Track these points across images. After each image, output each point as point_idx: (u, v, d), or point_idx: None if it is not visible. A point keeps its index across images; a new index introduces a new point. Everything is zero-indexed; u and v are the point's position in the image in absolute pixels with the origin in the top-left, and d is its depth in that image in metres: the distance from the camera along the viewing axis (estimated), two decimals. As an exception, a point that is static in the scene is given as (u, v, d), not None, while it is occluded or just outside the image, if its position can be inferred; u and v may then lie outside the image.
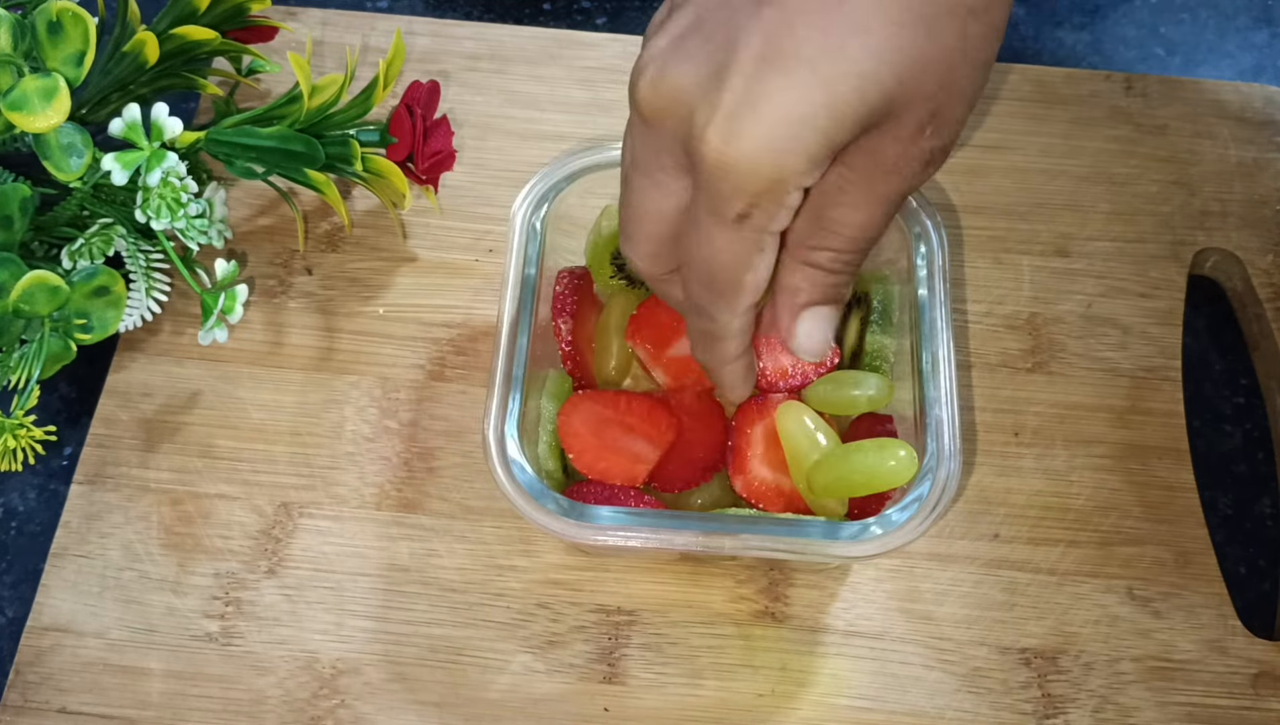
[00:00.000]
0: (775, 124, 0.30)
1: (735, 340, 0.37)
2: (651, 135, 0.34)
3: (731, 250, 0.34)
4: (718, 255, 0.34)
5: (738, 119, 0.31)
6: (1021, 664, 0.45)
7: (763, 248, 0.34)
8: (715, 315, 0.36)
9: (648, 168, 0.34)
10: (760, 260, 0.34)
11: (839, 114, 0.30)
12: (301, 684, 0.44)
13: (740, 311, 0.36)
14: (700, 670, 0.45)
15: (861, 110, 0.31)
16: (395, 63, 0.47)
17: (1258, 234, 0.54)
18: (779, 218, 0.33)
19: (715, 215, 0.33)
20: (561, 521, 0.40)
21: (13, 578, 0.48)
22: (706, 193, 0.32)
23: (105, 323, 0.44)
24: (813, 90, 0.30)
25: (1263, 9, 0.63)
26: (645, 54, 0.33)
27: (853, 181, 0.33)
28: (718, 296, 0.35)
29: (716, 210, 0.33)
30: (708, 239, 0.34)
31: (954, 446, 0.41)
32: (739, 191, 0.32)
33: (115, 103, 0.47)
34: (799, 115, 0.30)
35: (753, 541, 0.40)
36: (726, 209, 0.32)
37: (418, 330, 0.51)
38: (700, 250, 0.34)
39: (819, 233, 0.35)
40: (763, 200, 0.32)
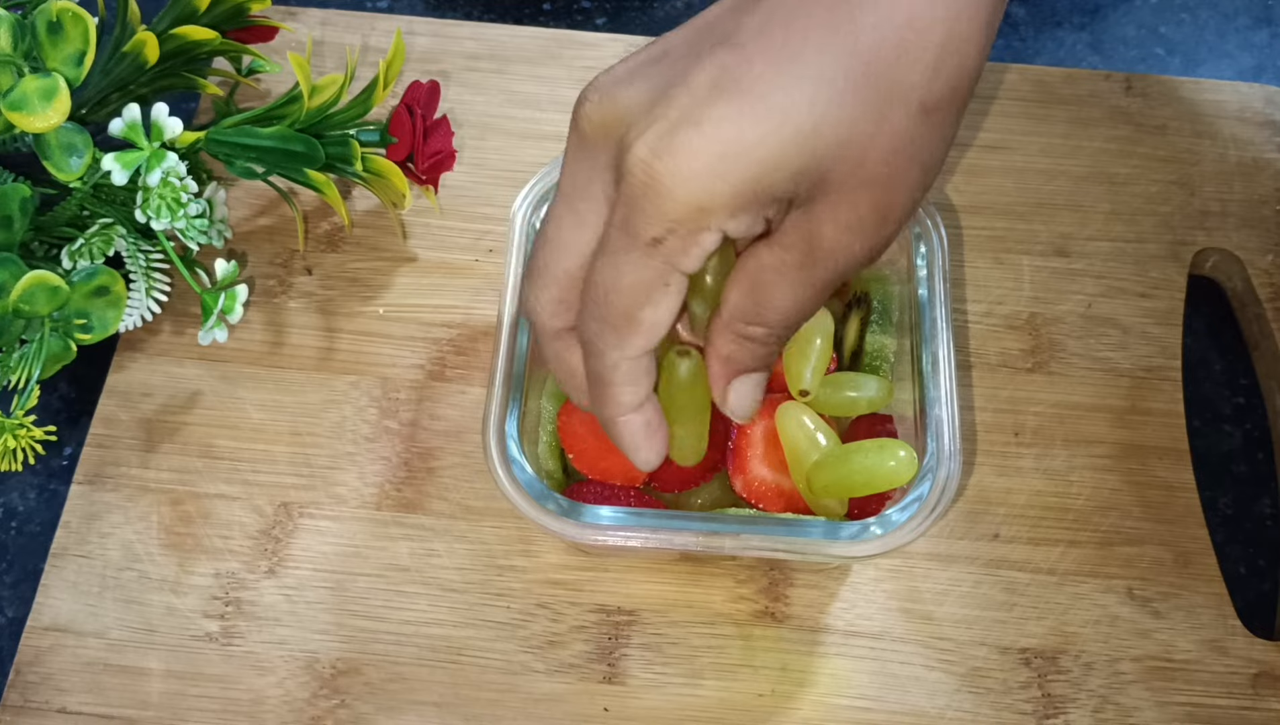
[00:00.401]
0: (710, 149, 0.29)
1: (625, 388, 0.34)
2: (585, 158, 0.32)
3: (636, 277, 0.32)
4: (620, 279, 0.32)
5: (673, 136, 0.29)
6: (1021, 664, 0.45)
7: (668, 284, 0.32)
8: (604, 351, 0.33)
9: (573, 197, 0.33)
10: (663, 298, 0.32)
11: (776, 156, 0.30)
12: (301, 684, 0.44)
13: (631, 352, 0.33)
14: (700, 670, 0.45)
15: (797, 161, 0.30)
16: (395, 63, 0.47)
17: (1258, 234, 0.54)
18: (691, 255, 0.31)
19: (628, 235, 0.31)
20: (561, 521, 0.40)
21: (13, 578, 0.48)
22: (624, 211, 0.31)
23: (105, 323, 0.44)
24: (755, 123, 0.29)
25: (1263, 9, 0.63)
26: (597, 78, 0.32)
27: (789, 265, 0.32)
28: (610, 329, 0.33)
29: (630, 229, 0.31)
30: (614, 262, 0.32)
31: (954, 446, 0.41)
32: (657, 213, 0.30)
33: (115, 103, 0.47)
34: (736, 146, 0.29)
35: (753, 541, 0.40)
36: (641, 230, 0.31)
37: (418, 330, 0.51)
38: (603, 274, 0.32)
39: (753, 311, 0.33)
40: (678, 228, 0.30)
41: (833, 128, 0.30)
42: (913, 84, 0.30)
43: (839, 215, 0.31)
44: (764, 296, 0.33)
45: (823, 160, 0.30)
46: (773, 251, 0.32)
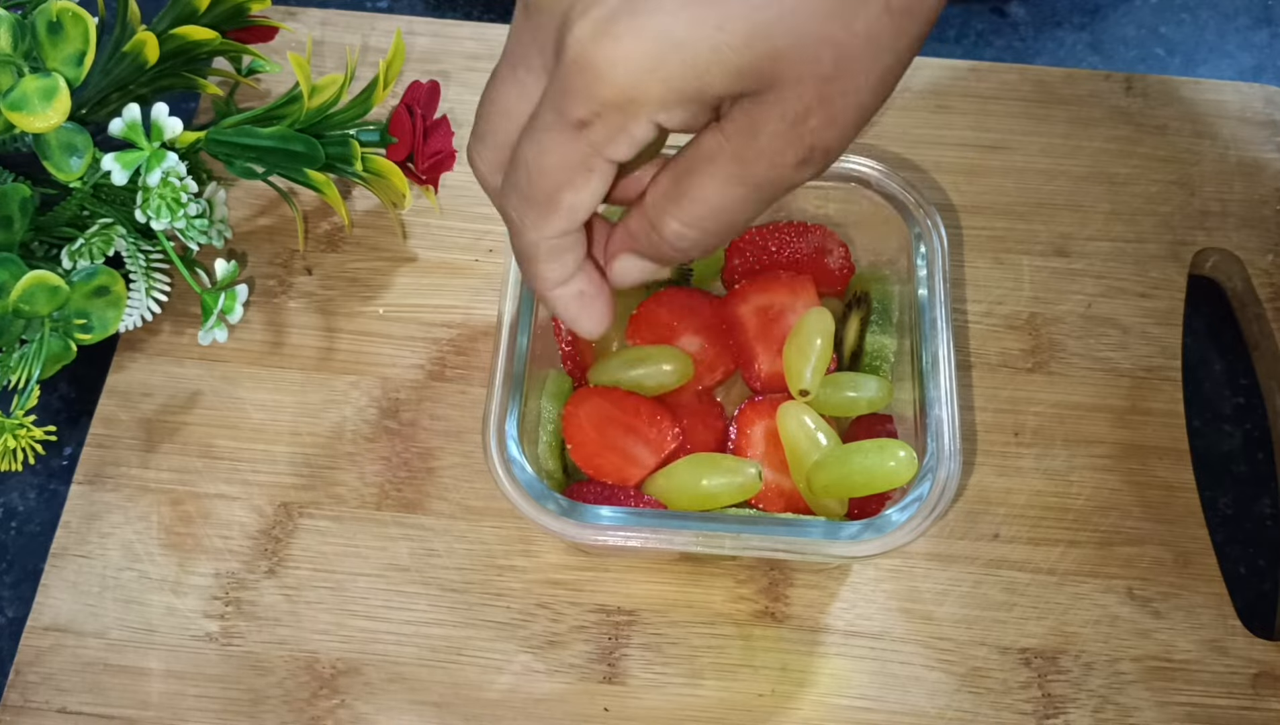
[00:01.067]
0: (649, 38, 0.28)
1: (549, 265, 0.34)
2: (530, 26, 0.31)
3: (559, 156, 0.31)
4: (543, 157, 0.31)
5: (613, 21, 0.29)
6: (1021, 664, 0.45)
7: (591, 169, 0.31)
8: (524, 230, 0.33)
9: (514, 61, 0.32)
10: (585, 182, 0.31)
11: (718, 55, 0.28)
12: (301, 684, 0.44)
13: (550, 233, 0.33)
14: (700, 670, 0.45)
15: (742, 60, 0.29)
16: (395, 63, 0.47)
17: (1258, 234, 0.54)
18: (619, 142, 0.30)
19: (556, 113, 0.30)
20: (561, 521, 0.40)
21: (13, 578, 0.48)
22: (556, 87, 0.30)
23: (105, 323, 0.44)
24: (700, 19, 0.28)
25: (1263, 9, 0.63)
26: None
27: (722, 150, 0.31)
28: (530, 207, 0.32)
29: (559, 107, 0.30)
30: (539, 138, 0.31)
31: (954, 446, 0.41)
32: (587, 95, 0.29)
33: (115, 103, 0.47)
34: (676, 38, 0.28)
35: (753, 541, 0.40)
36: (569, 109, 0.30)
37: (418, 330, 0.51)
38: (528, 150, 0.31)
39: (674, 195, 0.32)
40: (607, 113, 0.29)
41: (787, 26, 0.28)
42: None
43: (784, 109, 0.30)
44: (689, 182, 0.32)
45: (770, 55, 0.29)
46: (711, 137, 0.31)
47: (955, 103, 0.57)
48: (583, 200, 0.32)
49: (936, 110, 0.57)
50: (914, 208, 0.46)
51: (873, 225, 0.47)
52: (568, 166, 0.31)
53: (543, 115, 0.31)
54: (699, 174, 0.31)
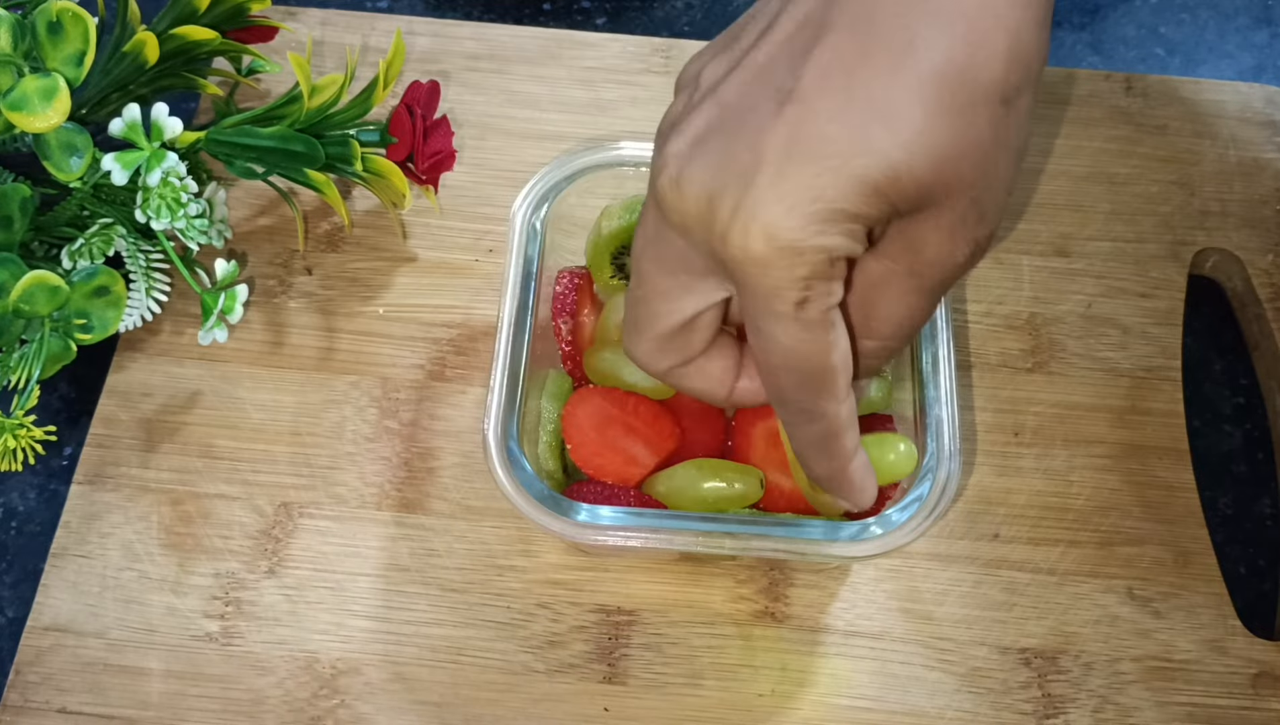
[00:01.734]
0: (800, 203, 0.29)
1: (851, 430, 0.35)
2: (677, 240, 0.33)
3: (806, 339, 0.32)
4: (797, 350, 0.32)
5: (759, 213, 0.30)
6: (1021, 664, 0.45)
7: (833, 323, 0.32)
8: (824, 411, 0.34)
9: (669, 268, 0.33)
10: (837, 336, 0.32)
11: (868, 189, 0.30)
12: (301, 684, 0.44)
13: (843, 395, 0.34)
14: (700, 670, 0.45)
15: (893, 191, 0.30)
16: (395, 63, 0.47)
17: (1258, 234, 0.54)
18: (835, 291, 0.32)
19: (775, 314, 0.31)
20: (561, 521, 0.40)
21: (13, 578, 0.48)
22: (753, 294, 0.31)
23: (105, 323, 0.44)
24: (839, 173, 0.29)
25: (1263, 9, 0.63)
26: (664, 152, 0.32)
27: (896, 274, 0.32)
28: (816, 391, 0.33)
29: (774, 308, 0.31)
30: (778, 340, 0.32)
31: (954, 446, 0.41)
32: (787, 281, 0.31)
33: (115, 103, 0.47)
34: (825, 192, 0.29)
35: (753, 541, 0.40)
36: (783, 303, 0.31)
37: (418, 330, 0.51)
38: (776, 355, 0.33)
39: (866, 324, 0.34)
40: (814, 280, 0.31)
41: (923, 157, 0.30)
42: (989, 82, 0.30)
43: (940, 221, 0.31)
44: (873, 308, 0.34)
45: (917, 184, 0.30)
46: (879, 262, 0.33)
47: (955, 103, 0.57)
48: (843, 348, 0.33)
49: (936, 110, 0.56)
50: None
51: (873, 225, 0.47)
52: (818, 340, 0.32)
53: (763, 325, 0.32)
54: (879, 301, 0.33)
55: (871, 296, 0.33)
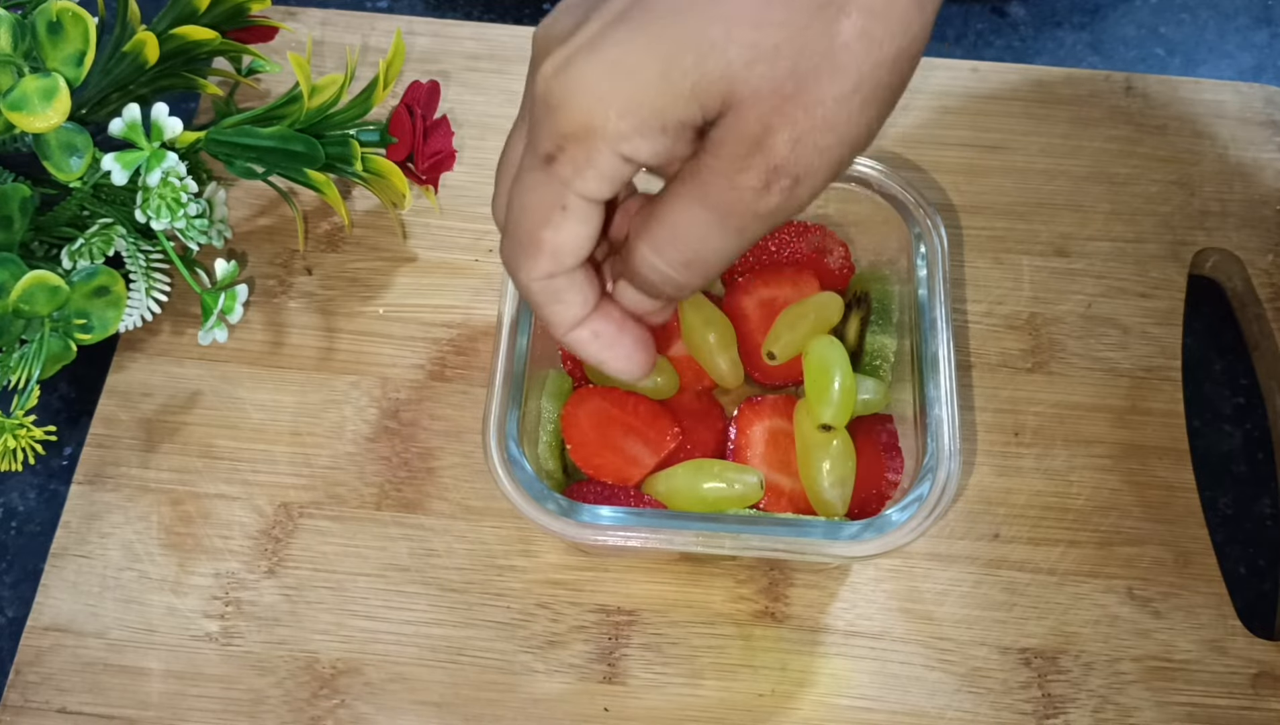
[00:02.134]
0: (602, 69, 0.29)
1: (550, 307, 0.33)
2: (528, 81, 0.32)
3: (535, 196, 0.31)
4: (522, 197, 0.31)
5: (572, 58, 0.29)
6: (1021, 664, 0.45)
7: (565, 206, 0.31)
8: (515, 272, 0.33)
9: (520, 116, 0.34)
10: (562, 221, 0.31)
11: (669, 79, 0.28)
12: (301, 684, 0.44)
13: (537, 274, 0.32)
14: (700, 670, 0.45)
15: (693, 81, 0.28)
16: (395, 63, 0.47)
17: (1258, 234, 0.54)
18: (586, 176, 0.30)
19: (530, 153, 0.31)
20: (561, 521, 0.40)
21: (13, 578, 0.48)
22: (530, 129, 0.31)
23: (105, 323, 0.44)
24: (651, 46, 0.28)
25: (1263, 9, 0.63)
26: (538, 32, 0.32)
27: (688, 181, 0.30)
28: (518, 249, 0.32)
29: (531, 146, 0.31)
30: (520, 178, 0.32)
31: (954, 446, 0.41)
32: (550, 129, 0.30)
33: (115, 103, 0.47)
34: (631, 65, 0.29)
35: (753, 541, 0.40)
36: (538, 145, 0.31)
37: (418, 330, 0.51)
38: (514, 191, 0.32)
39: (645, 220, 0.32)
40: (570, 146, 0.30)
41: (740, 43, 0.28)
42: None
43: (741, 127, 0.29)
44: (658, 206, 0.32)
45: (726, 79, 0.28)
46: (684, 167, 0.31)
47: (955, 103, 0.57)
48: (563, 240, 0.31)
49: (936, 110, 0.57)
50: (914, 208, 0.46)
51: (873, 225, 0.47)
52: (543, 205, 0.31)
53: (523, 158, 0.32)
54: (667, 198, 0.31)
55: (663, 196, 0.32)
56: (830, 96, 0.29)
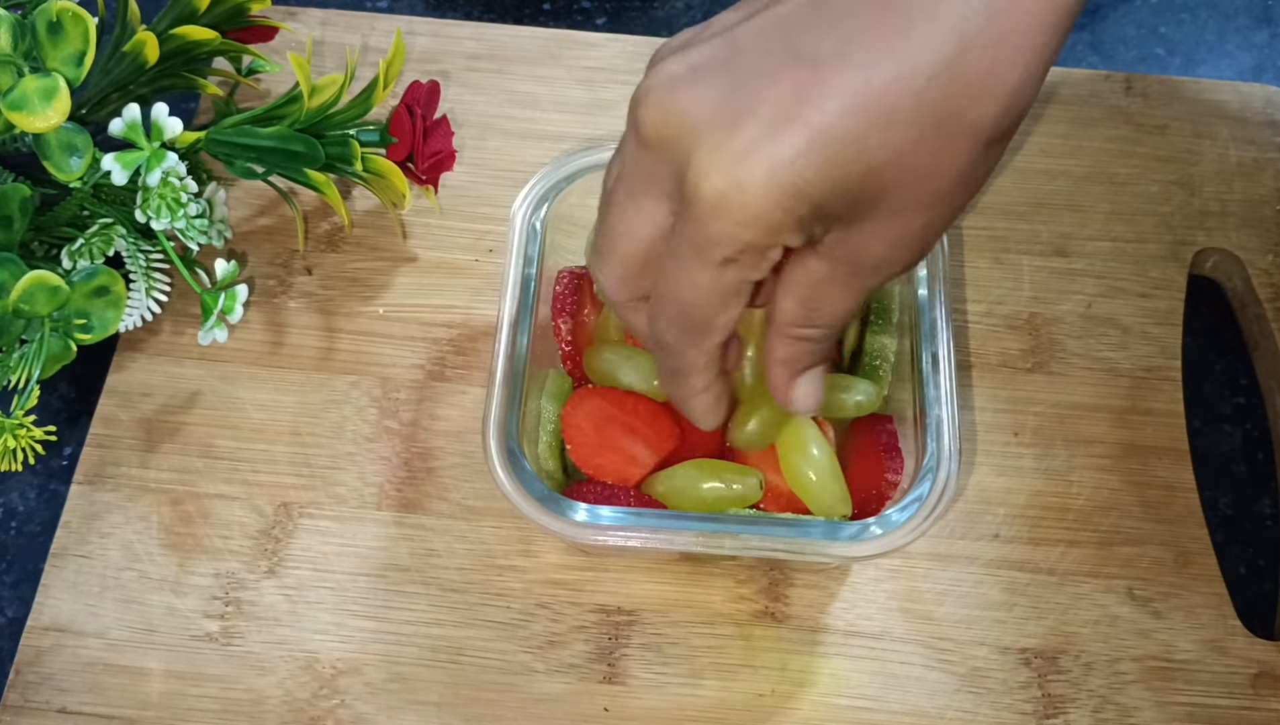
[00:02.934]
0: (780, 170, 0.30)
1: (702, 375, 0.37)
2: (646, 158, 0.33)
3: (712, 290, 0.33)
4: (696, 293, 0.33)
5: (745, 165, 0.30)
6: (1021, 664, 0.45)
7: (739, 293, 0.33)
8: (683, 351, 0.36)
9: (635, 190, 0.34)
10: (736, 303, 0.34)
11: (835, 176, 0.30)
12: (301, 684, 0.44)
13: (707, 350, 0.36)
14: (700, 670, 0.45)
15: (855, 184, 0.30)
16: (395, 63, 0.47)
17: (1258, 234, 0.54)
18: (762, 268, 0.32)
19: (700, 256, 0.32)
20: (561, 521, 0.40)
21: (13, 578, 0.48)
22: (695, 231, 0.31)
23: (105, 323, 0.44)
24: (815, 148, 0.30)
25: (1263, 9, 0.63)
26: (656, 73, 0.32)
27: (839, 275, 0.33)
28: (688, 334, 0.35)
29: (703, 252, 0.32)
30: (688, 277, 0.33)
31: (954, 446, 0.41)
32: (732, 238, 0.31)
33: (115, 103, 0.47)
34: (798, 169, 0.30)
35: (753, 541, 0.40)
36: (714, 252, 0.32)
37: (418, 330, 0.51)
38: (678, 287, 0.34)
39: (805, 316, 0.35)
40: (752, 249, 0.31)
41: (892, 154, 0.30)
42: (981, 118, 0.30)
43: (890, 233, 0.32)
44: (816, 304, 0.34)
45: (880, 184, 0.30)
46: (823, 263, 0.33)
47: (955, 103, 0.57)
48: (733, 316, 0.34)
49: (936, 110, 0.56)
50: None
51: (873, 225, 0.47)
52: (720, 298, 0.33)
53: (685, 255, 0.33)
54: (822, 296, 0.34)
55: (815, 293, 0.34)
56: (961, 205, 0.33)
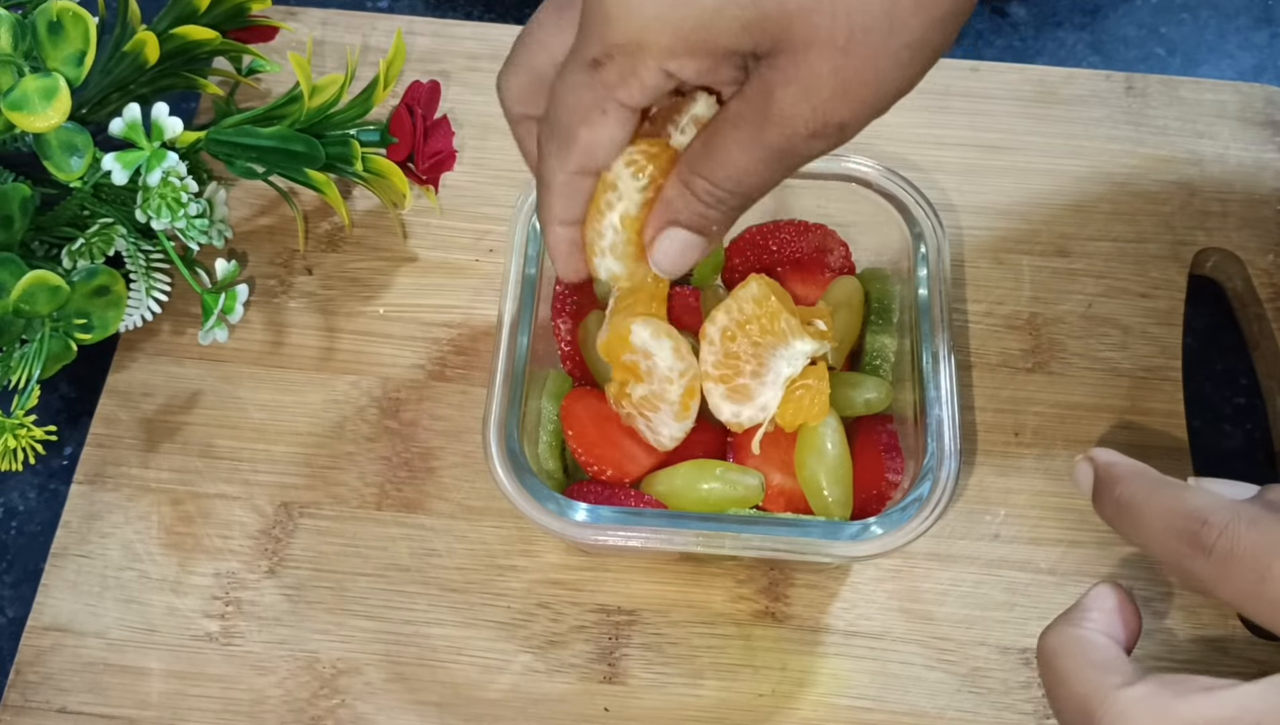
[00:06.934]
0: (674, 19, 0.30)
1: (558, 199, 0.35)
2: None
3: (575, 95, 0.33)
4: (562, 91, 0.33)
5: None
6: (1022, 664, 0.45)
7: (605, 110, 0.32)
8: (547, 156, 0.35)
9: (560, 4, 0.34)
10: (600, 122, 0.33)
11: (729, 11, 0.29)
12: (302, 684, 0.44)
13: (568, 166, 0.34)
14: (700, 670, 0.45)
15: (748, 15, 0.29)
16: (395, 62, 0.47)
17: (1258, 234, 0.54)
18: (629, 86, 0.31)
19: (575, 53, 0.32)
20: (561, 521, 0.40)
21: (13, 578, 0.48)
22: (579, 29, 0.32)
23: (105, 323, 0.44)
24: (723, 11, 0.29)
25: (1263, 9, 0.63)
26: None
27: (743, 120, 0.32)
28: (553, 137, 0.34)
29: (577, 47, 0.32)
30: (563, 75, 0.33)
31: (954, 446, 0.41)
32: (599, 37, 0.31)
33: (115, 102, 0.47)
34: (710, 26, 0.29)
35: (753, 541, 0.40)
36: (585, 49, 0.32)
37: (418, 330, 0.51)
38: (557, 83, 0.33)
39: (704, 160, 0.33)
40: (617, 56, 0.31)
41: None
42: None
43: (796, 75, 0.30)
44: (716, 148, 0.33)
45: (780, 18, 0.29)
46: (733, 104, 0.32)
47: (955, 103, 0.57)
48: (599, 139, 0.33)
49: (936, 110, 0.57)
50: (914, 208, 0.46)
51: (873, 225, 0.47)
52: (583, 105, 0.33)
53: (570, 54, 0.32)
54: (724, 137, 0.33)
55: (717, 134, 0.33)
56: (882, 52, 0.30)
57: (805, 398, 0.42)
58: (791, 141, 0.32)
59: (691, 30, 0.30)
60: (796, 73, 0.30)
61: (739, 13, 0.29)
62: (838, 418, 0.44)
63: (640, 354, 0.42)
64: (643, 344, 0.41)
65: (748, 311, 0.41)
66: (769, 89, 0.31)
